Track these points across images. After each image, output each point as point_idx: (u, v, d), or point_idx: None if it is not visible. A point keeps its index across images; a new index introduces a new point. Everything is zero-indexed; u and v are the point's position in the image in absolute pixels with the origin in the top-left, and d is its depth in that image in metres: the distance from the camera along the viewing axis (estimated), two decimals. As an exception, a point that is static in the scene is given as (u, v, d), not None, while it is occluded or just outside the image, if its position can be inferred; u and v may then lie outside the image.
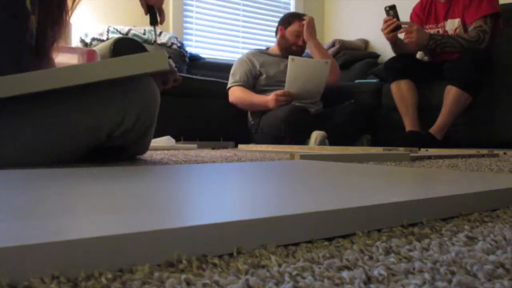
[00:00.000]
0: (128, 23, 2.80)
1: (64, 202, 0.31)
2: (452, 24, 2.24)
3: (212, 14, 3.42)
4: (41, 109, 0.84)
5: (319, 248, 0.26)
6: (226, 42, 3.51)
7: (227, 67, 2.69)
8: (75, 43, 2.56)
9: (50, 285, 0.18)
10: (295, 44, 2.55)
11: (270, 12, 3.66)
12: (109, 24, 2.70)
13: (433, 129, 2.06)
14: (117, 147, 0.96)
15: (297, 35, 2.55)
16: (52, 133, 0.85)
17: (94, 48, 2.25)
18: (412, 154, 1.27)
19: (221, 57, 3.37)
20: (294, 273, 0.21)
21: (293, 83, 2.34)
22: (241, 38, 3.58)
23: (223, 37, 3.48)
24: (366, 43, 3.47)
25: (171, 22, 3.16)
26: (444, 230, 0.30)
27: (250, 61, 2.55)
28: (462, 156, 1.35)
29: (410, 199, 0.33)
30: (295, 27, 2.55)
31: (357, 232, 0.29)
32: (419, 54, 2.46)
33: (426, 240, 0.27)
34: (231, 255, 0.24)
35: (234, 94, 2.52)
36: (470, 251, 0.25)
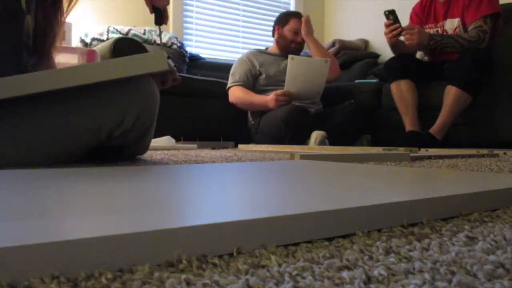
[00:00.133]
0: (128, 23, 2.80)
1: (64, 202, 0.31)
2: (452, 24, 2.24)
3: (212, 14, 3.42)
4: (41, 110, 0.84)
5: (319, 248, 0.26)
6: (226, 42, 3.51)
7: (227, 67, 2.69)
8: (75, 43, 2.56)
9: (50, 285, 0.18)
10: (294, 41, 2.55)
11: (270, 12, 3.66)
12: (109, 24, 2.70)
13: (433, 129, 2.06)
14: (117, 147, 0.96)
15: (295, 32, 2.55)
16: (52, 134, 0.85)
17: (94, 48, 2.25)
18: (412, 154, 1.27)
19: (221, 57, 3.37)
20: (294, 273, 0.21)
21: (293, 83, 2.34)
22: (241, 38, 3.58)
23: (223, 37, 3.48)
24: (366, 43, 3.47)
25: (171, 22, 3.16)
26: (444, 230, 0.30)
27: (250, 61, 2.55)
28: (462, 156, 1.35)
29: (410, 199, 0.33)
30: (293, 25, 2.55)
31: (357, 232, 0.29)
32: (419, 54, 2.46)
33: (426, 240, 0.27)
34: (231, 255, 0.24)
35: (234, 94, 2.52)
36: (470, 251, 0.25)
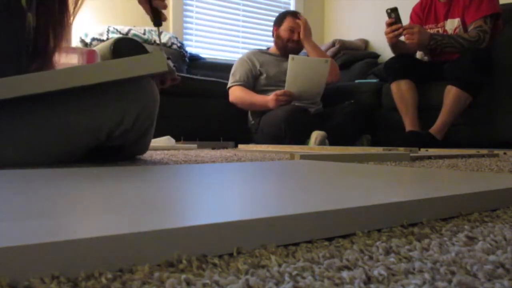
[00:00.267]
0: (128, 23, 2.80)
1: (64, 202, 0.31)
2: (452, 24, 2.24)
3: (212, 14, 3.42)
4: (41, 110, 0.84)
5: (319, 248, 0.26)
6: (226, 42, 3.51)
7: (227, 67, 2.69)
8: (75, 43, 2.56)
9: (50, 285, 0.18)
10: (290, 40, 2.53)
11: (270, 12, 3.66)
12: (109, 24, 2.70)
13: (433, 129, 2.06)
14: (117, 147, 0.96)
15: (291, 30, 2.53)
16: (52, 134, 0.85)
17: (94, 48, 2.25)
18: (412, 154, 1.27)
19: (221, 57, 3.37)
20: (294, 273, 0.21)
21: (293, 83, 2.34)
22: (241, 38, 3.58)
23: (223, 37, 3.48)
24: (366, 43, 3.47)
25: (171, 22, 3.16)
26: (444, 230, 0.30)
27: (250, 61, 2.55)
28: (462, 156, 1.35)
29: (410, 199, 0.33)
30: (288, 23, 2.53)
31: (357, 232, 0.29)
32: (419, 54, 2.46)
33: (426, 240, 0.27)
34: (231, 255, 0.24)
35: (234, 94, 2.52)
36: (470, 251, 0.25)
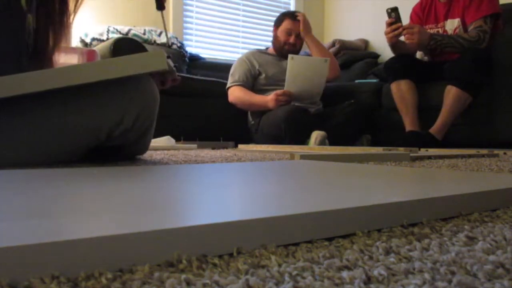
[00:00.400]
0: (128, 23, 2.80)
1: (64, 202, 0.31)
2: (452, 24, 2.24)
3: (212, 14, 3.42)
4: (41, 110, 0.84)
5: (319, 248, 0.26)
6: (226, 42, 3.51)
7: (227, 67, 2.69)
8: (75, 43, 2.56)
9: (50, 285, 0.18)
10: (286, 43, 2.51)
11: (270, 12, 3.66)
12: (109, 24, 2.70)
13: (433, 129, 2.06)
14: (117, 147, 0.96)
15: (288, 33, 2.51)
16: (52, 134, 0.85)
17: (94, 48, 2.25)
18: (412, 154, 1.27)
19: (221, 57, 3.37)
20: (294, 273, 0.21)
21: (293, 82, 2.34)
22: (241, 38, 3.58)
23: (223, 37, 3.48)
24: (366, 43, 3.47)
25: (171, 22, 3.16)
26: (444, 230, 0.30)
27: (249, 61, 2.55)
28: (462, 156, 1.35)
29: (410, 199, 0.33)
30: (286, 25, 2.51)
31: (357, 232, 0.29)
32: (419, 54, 2.46)
33: (426, 240, 0.27)
34: (231, 255, 0.24)
35: (234, 94, 2.52)
36: (470, 251, 0.25)
